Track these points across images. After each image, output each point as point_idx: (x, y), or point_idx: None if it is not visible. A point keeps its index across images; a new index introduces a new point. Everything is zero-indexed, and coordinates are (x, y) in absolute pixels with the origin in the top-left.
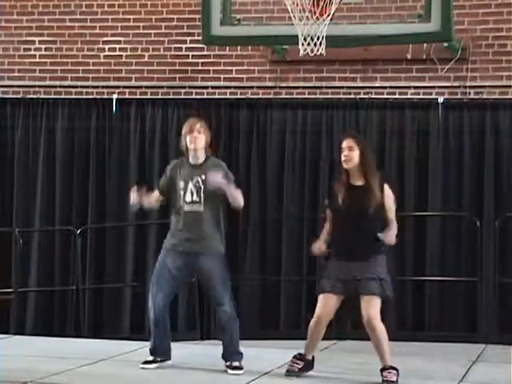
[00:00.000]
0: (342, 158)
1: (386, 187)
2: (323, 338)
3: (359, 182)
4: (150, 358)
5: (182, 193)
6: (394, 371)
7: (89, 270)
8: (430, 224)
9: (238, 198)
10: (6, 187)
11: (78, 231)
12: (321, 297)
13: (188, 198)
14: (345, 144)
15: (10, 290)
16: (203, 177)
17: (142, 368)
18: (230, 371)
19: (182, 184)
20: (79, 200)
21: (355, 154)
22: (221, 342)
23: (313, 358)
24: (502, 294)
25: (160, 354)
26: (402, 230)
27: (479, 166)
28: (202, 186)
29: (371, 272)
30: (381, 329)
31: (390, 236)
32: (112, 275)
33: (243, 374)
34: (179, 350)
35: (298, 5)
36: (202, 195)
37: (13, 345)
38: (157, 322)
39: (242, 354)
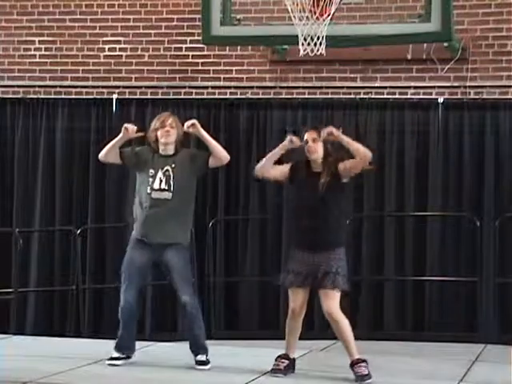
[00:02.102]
0: (306, 149)
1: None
2: (323, 338)
3: (317, 170)
4: (116, 355)
5: (150, 180)
6: (364, 363)
7: (89, 270)
8: (430, 224)
9: (217, 145)
10: (6, 187)
11: (78, 231)
12: (290, 291)
13: (156, 185)
14: (308, 136)
15: (10, 290)
16: (173, 165)
17: (110, 365)
18: (197, 366)
19: (151, 171)
20: (79, 200)
21: (319, 146)
22: (224, 342)
23: (294, 359)
24: (502, 294)
25: (126, 349)
26: (402, 230)
27: (479, 166)
28: (172, 175)
29: (329, 265)
30: (342, 321)
31: (358, 149)
32: (112, 275)
33: (209, 369)
34: (178, 349)
35: (297, 5)
36: (172, 183)
37: (13, 345)
38: (125, 318)
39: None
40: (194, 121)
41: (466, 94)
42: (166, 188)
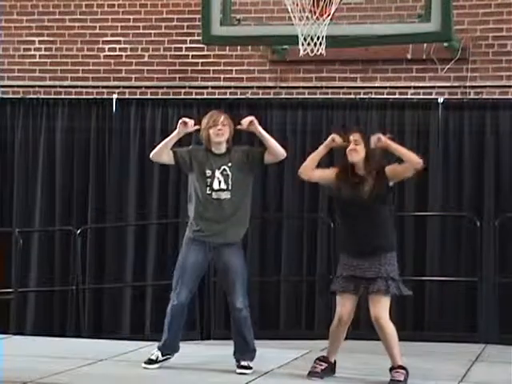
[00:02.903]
0: (348, 150)
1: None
2: (323, 338)
3: (361, 173)
4: (154, 357)
5: (208, 180)
6: (402, 371)
7: (89, 269)
8: (430, 224)
9: (274, 142)
10: (6, 187)
11: (78, 231)
12: (338, 297)
13: (216, 186)
14: (352, 137)
15: (10, 290)
16: (229, 164)
17: (145, 368)
18: (237, 370)
19: (208, 171)
20: (79, 200)
21: (361, 148)
22: (224, 342)
23: (335, 361)
24: (502, 294)
25: (169, 348)
26: (402, 230)
27: (479, 166)
28: (230, 174)
29: (380, 270)
30: (390, 328)
31: (409, 155)
32: (112, 275)
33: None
34: (179, 349)
35: (297, 5)
36: (230, 182)
37: (13, 345)
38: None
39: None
40: (251, 118)
41: (465, 93)
42: (225, 188)
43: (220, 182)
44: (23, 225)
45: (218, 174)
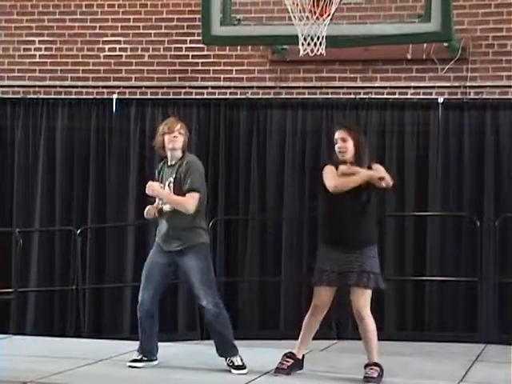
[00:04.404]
0: (337, 150)
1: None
2: (323, 338)
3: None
4: (137, 357)
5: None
6: (377, 368)
7: (89, 269)
8: (430, 224)
9: (177, 204)
10: (6, 187)
11: (78, 231)
12: (316, 288)
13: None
14: (337, 135)
15: (10, 290)
16: (174, 176)
17: (130, 366)
18: (233, 371)
19: (161, 185)
20: (79, 200)
21: (349, 145)
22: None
23: (303, 357)
24: (502, 294)
25: (147, 353)
26: (402, 230)
27: (479, 166)
28: (172, 187)
29: (363, 264)
30: (370, 322)
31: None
32: (112, 275)
33: (246, 373)
34: (179, 349)
35: (297, 5)
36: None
37: (13, 345)
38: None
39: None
40: (156, 191)
41: (465, 93)
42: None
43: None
44: (23, 225)
45: (166, 187)
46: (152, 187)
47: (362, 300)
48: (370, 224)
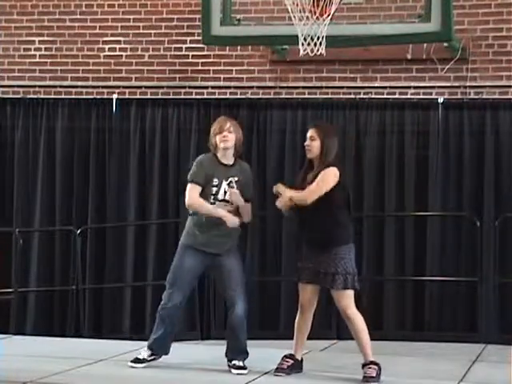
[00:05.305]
0: (305, 147)
1: (328, 170)
2: (323, 338)
3: (316, 168)
4: (141, 357)
5: (214, 190)
6: (374, 366)
7: (89, 269)
8: (430, 224)
9: (247, 214)
10: (6, 187)
11: (78, 231)
12: (299, 285)
13: (221, 196)
14: (308, 133)
15: (10, 290)
16: (236, 178)
17: (131, 367)
18: (233, 371)
19: (216, 181)
20: (79, 200)
21: (316, 144)
22: (224, 342)
23: (302, 359)
24: (502, 294)
25: (159, 348)
26: (402, 230)
27: (479, 166)
28: (235, 187)
29: (336, 265)
30: (358, 319)
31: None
32: (112, 275)
33: (247, 374)
34: (179, 349)
35: (297, 5)
36: None
37: (13, 345)
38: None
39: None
40: (239, 200)
41: (465, 93)
42: (229, 200)
43: (225, 193)
44: (23, 225)
45: (224, 184)
46: (236, 197)
47: (344, 300)
48: (338, 225)
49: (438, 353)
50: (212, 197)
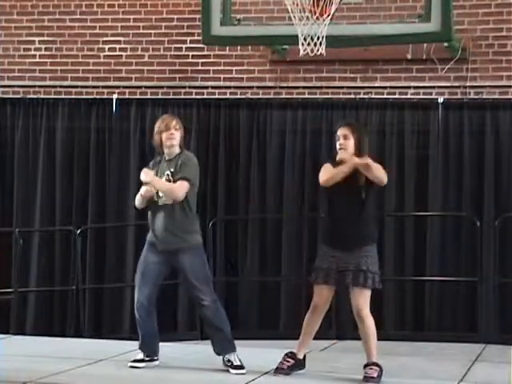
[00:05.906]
0: (338, 147)
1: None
2: (323, 338)
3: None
4: (139, 357)
5: None
6: (376, 367)
7: (89, 269)
8: (430, 224)
9: (167, 190)
10: (6, 187)
11: (78, 231)
12: (316, 287)
13: (161, 193)
14: (340, 132)
15: (10, 290)
16: (172, 170)
17: (131, 367)
18: (232, 371)
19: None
20: (79, 200)
21: (350, 143)
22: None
23: (304, 356)
24: (502, 294)
25: (150, 352)
26: (402, 230)
27: (479, 166)
28: (172, 179)
29: (361, 263)
30: (370, 322)
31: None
32: (112, 275)
33: (245, 373)
34: (179, 349)
35: (297, 5)
36: None
37: (13, 345)
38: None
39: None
40: (149, 178)
41: (465, 93)
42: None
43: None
44: (23, 225)
45: (163, 179)
46: (146, 173)
47: (361, 300)
48: (369, 223)
49: (437, 353)
50: (156, 195)
